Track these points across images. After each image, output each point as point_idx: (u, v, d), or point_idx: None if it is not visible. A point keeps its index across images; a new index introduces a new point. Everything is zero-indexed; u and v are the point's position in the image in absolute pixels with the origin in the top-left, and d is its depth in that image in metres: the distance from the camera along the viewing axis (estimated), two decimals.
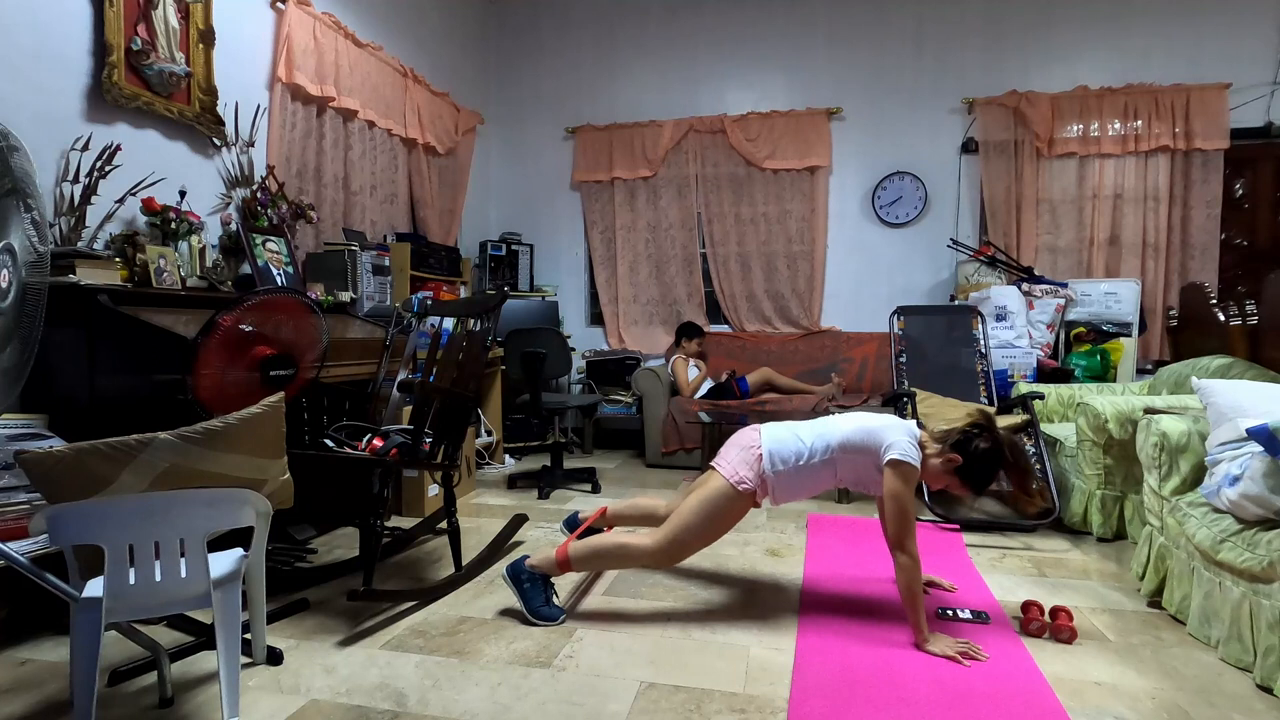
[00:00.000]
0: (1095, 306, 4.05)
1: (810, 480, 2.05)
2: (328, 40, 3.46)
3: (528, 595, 2.08)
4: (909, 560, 1.88)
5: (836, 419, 2.10)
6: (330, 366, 2.50)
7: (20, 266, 1.49)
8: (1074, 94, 4.37)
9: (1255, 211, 4.38)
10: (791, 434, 2.07)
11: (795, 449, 2.03)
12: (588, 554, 2.11)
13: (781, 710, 1.60)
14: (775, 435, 2.08)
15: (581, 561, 2.12)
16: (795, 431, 2.08)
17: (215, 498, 1.46)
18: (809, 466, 2.02)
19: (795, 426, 2.11)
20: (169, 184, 2.68)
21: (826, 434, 2.04)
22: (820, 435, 2.04)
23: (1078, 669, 1.79)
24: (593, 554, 2.12)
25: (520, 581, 2.10)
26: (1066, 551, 2.70)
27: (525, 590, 2.08)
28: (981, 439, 1.94)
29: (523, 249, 5.03)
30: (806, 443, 2.04)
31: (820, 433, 2.05)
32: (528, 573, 2.10)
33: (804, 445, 2.03)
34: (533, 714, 1.59)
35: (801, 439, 2.05)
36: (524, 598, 2.08)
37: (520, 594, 2.09)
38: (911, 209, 4.69)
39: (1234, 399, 2.02)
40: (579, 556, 2.10)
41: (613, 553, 2.12)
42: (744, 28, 4.88)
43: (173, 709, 1.60)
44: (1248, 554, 1.75)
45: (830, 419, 2.11)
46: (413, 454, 2.19)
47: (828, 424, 2.08)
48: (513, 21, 5.27)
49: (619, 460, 4.48)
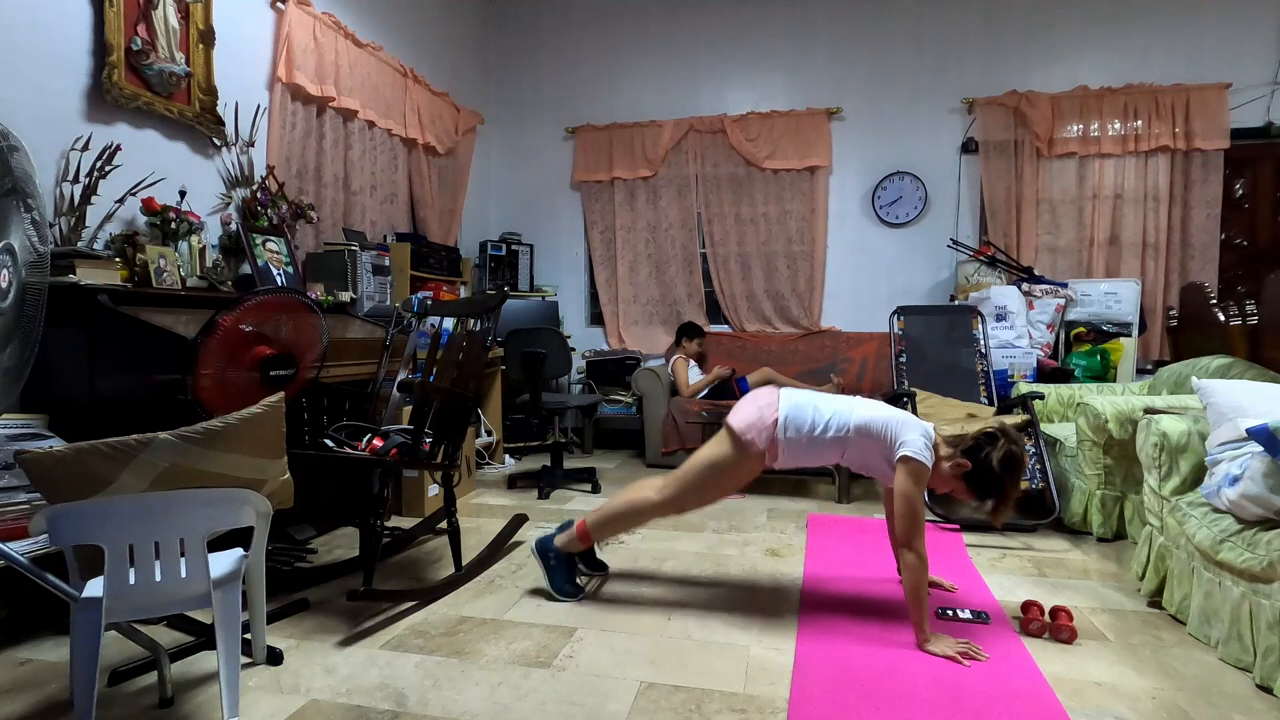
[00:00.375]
0: (1095, 306, 4.05)
1: (818, 452, 2.06)
2: (328, 40, 3.46)
3: (553, 572, 2.22)
4: (916, 559, 1.87)
5: (858, 401, 2.10)
6: (330, 366, 2.50)
7: (20, 266, 1.49)
8: (1074, 94, 4.37)
9: (1255, 211, 4.38)
10: (811, 403, 2.07)
11: (811, 419, 2.03)
12: (601, 519, 2.21)
13: (781, 710, 1.60)
14: (794, 401, 2.07)
15: (598, 528, 2.21)
16: (815, 401, 2.08)
17: (215, 498, 1.46)
18: (820, 439, 2.02)
19: (816, 397, 2.11)
20: (169, 184, 2.68)
21: (846, 413, 2.04)
22: (839, 412, 2.04)
23: (1078, 669, 1.79)
24: (606, 518, 2.21)
25: (548, 559, 2.22)
26: (1066, 551, 2.70)
27: (551, 568, 2.22)
28: (995, 449, 1.93)
29: (523, 249, 5.03)
30: (825, 415, 2.03)
31: (840, 409, 2.05)
32: (555, 550, 2.21)
33: (821, 417, 2.03)
34: (533, 714, 1.59)
35: (820, 411, 2.05)
36: (549, 573, 2.21)
37: (546, 570, 2.22)
38: (911, 209, 4.69)
39: (1234, 399, 2.02)
40: (595, 524, 2.20)
41: (623, 511, 2.19)
42: (744, 27, 4.88)
43: (173, 709, 1.60)
44: (1248, 554, 1.75)
45: (853, 399, 2.11)
46: (413, 454, 2.19)
47: (849, 403, 2.08)
48: (513, 21, 5.27)
49: (619, 460, 4.48)
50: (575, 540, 2.21)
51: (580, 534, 2.20)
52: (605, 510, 2.21)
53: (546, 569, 2.22)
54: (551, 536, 2.24)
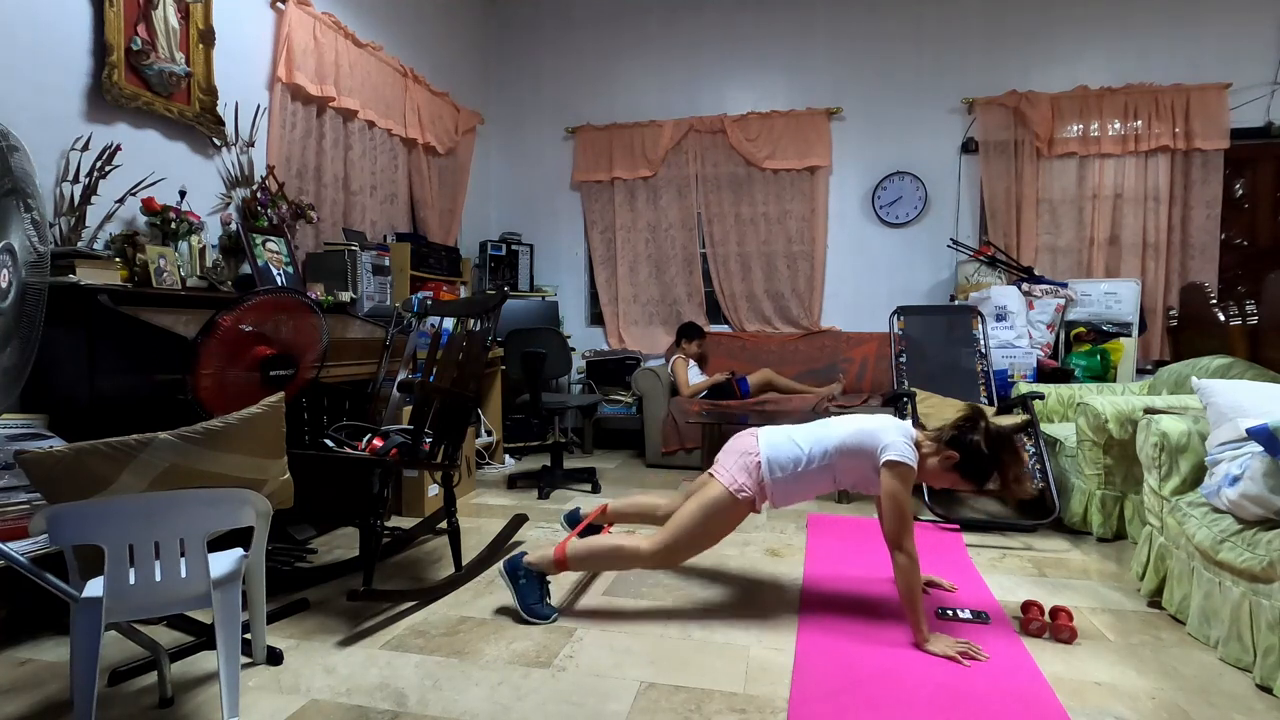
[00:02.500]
0: (1095, 306, 4.05)
1: (810, 485, 2.05)
2: (328, 40, 3.46)
3: (523, 592, 2.09)
4: (907, 560, 1.87)
5: (832, 422, 2.09)
6: (330, 366, 2.50)
7: (20, 266, 1.49)
8: (1074, 94, 4.37)
9: (1255, 211, 4.38)
10: (788, 440, 2.06)
11: (793, 455, 2.03)
12: (584, 554, 2.12)
13: (781, 710, 1.60)
14: (773, 441, 2.07)
15: (578, 561, 2.13)
16: (791, 437, 2.07)
17: (215, 498, 1.46)
18: (807, 472, 2.02)
19: (792, 431, 2.10)
20: (169, 184, 2.68)
21: (824, 439, 2.03)
22: (818, 440, 2.03)
23: (1078, 669, 1.79)
24: (589, 555, 2.13)
25: (516, 578, 2.10)
26: (1066, 551, 2.70)
27: (520, 587, 2.09)
28: (975, 432, 1.93)
29: (523, 249, 5.03)
30: (804, 448, 2.03)
31: (818, 438, 2.04)
32: (524, 569, 2.11)
33: (801, 451, 2.03)
34: (533, 714, 1.59)
35: (799, 445, 2.04)
36: (519, 594, 2.09)
37: (515, 590, 2.09)
38: (911, 209, 4.69)
39: (1234, 399, 2.02)
40: (576, 556, 2.11)
41: (609, 554, 2.12)
42: (744, 27, 4.88)
43: (173, 709, 1.60)
44: (1247, 554, 1.75)
45: (827, 422, 2.10)
46: (413, 454, 2.19)
47: (824, 428, 2.07)
48: (513, 21, 5.27)
49: (619, 460, 4.48)
50: (550, 563, 2.10)
51: (557, 559, 2.09)
52: (591, 545, 2.13)
53: (515, 588, 2.09)
54: (520, 556, 2.14)
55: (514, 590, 2.10)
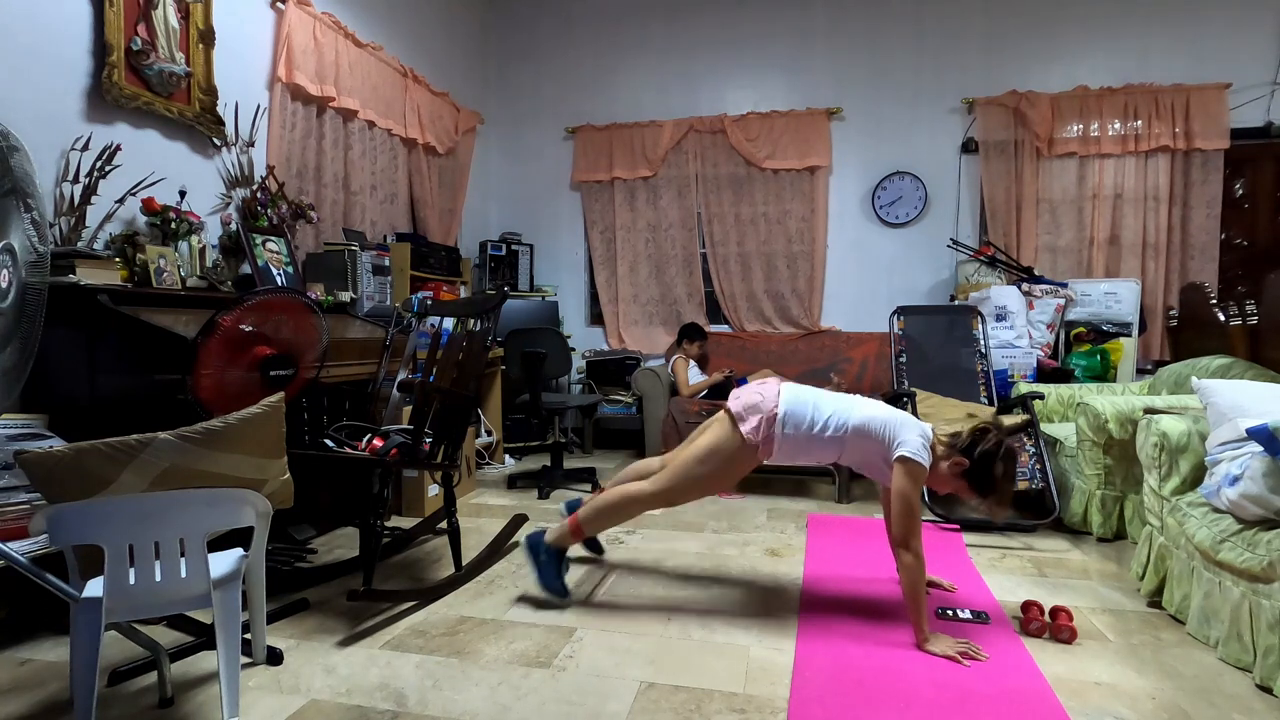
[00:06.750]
0: (1095, 306, 4.05)
1: (815, 450, 2.07)
2: (328, 40, 3.46)
3: (543, 568, 2.19)
4: (913, 559, 1.88)
5: (858, 400, 2.10)
6: (330, 366, 2.50)
7: (20, 266, 1.49)
8: (1074, 94, 4.37)
9: (1255, 211, 4.38)
10: (811, 400, 2.08)
11: (811, 417, 2.04)
12: (594, 512, 2.19)
13: (781, 710, 1.60)
14: (796, 397, 2.08)
15: (591, 521, 2.20)
16: (816, 399, 2.08)
17: (215, 498, 1.46)
18: (819, 438, 2.03)
19: (818, 394, 2.11)
20: (169, 184, 2.68)
21: (845, 412, 2.04)
22: (839, 411, 2.04)
23: (1078, 669, 1.79)
24: (599, 510, 2.19)
25: (538, 554, 2.20)
26: (1066, 551, 2.70)
27: (542, 563, 2.19)
28: (988, 443, 1.93)
29: (523, 249, 5.03)
30: (824, 414, 2.04)
31: (840, 409, 2.05)
32: (546, 547, 2.20)
33: (821, 416, 2.04)
34: (533, 714, 1.59)
35: (820, 409, 2.05)
36: (539, 570, 2.19)
37: (536, 565, 2.20)
38: (911, 209, 4.69)
39: (1234, 399, 2.02)
40: (587, 517, 2.19)
41: (617, 504, 2.18)
42: (744, 28, 4.88)
43: (173, 709, 1.60)
44: (1247, 554, 1.75)
45: (853, 398, 2.12)
46: (413, 454, 2.20)
47: (849, 402, 2.09)
48: (513, 21, 5.27)
49: (619, 460, 4.48)
50: (567, 535, 2.19)
51: (572, 528, 2.19)
52: (597, 502, 2.20)
53: (537, 564, 2.20)
54: (542, 532, 2.23)
55: (535, 566, 2.20)
